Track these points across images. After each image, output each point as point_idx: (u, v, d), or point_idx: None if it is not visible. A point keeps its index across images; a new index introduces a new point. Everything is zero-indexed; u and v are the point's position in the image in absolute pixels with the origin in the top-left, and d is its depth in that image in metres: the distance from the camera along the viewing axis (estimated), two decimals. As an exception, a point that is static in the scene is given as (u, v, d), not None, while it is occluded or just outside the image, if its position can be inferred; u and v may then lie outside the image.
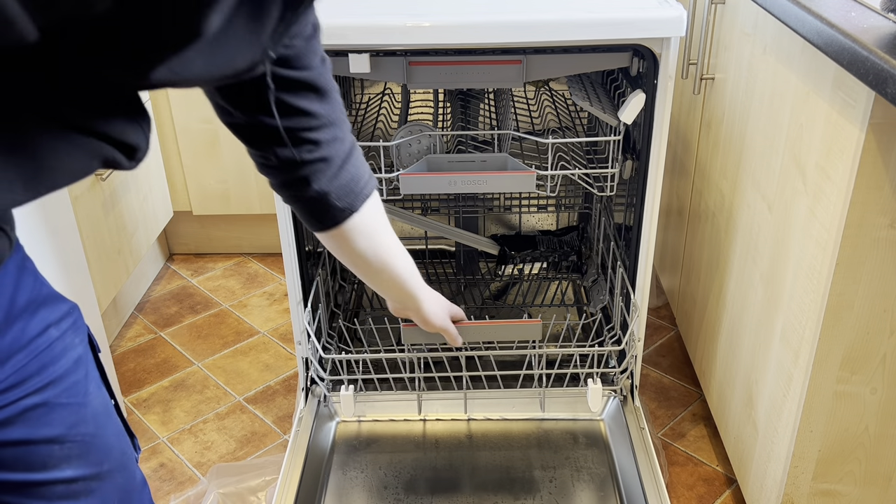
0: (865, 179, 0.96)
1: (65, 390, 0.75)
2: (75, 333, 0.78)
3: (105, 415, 0.81)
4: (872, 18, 0.95)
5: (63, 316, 0.76)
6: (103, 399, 0.81)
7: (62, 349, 0.75)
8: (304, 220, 0.95)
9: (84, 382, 0.78)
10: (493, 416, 1.52)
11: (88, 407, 0.78)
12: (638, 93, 1.28)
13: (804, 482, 1.20)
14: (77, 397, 0.76)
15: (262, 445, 1.65)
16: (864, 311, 1.05)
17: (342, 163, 0.90)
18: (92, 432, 0.78)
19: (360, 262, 1.01)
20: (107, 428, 0.81)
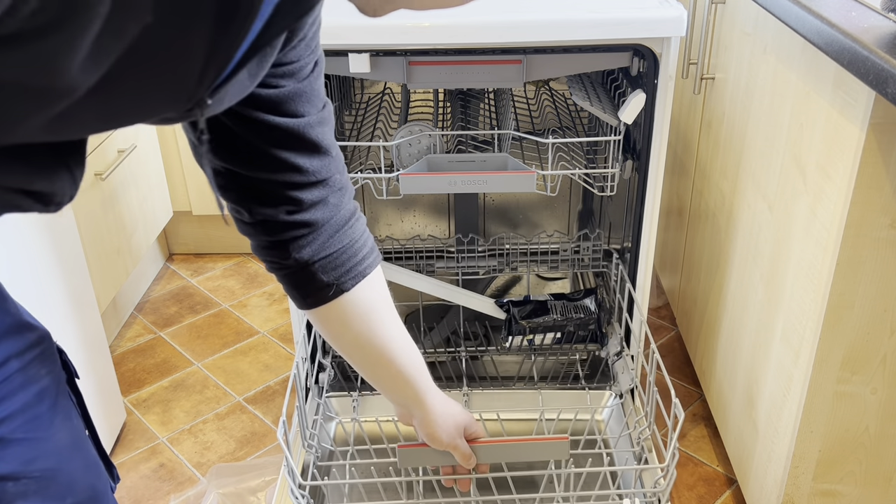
0: (866, 179, 0.96)
1: (22, 425, 0.70)
2: (42, 364, 0.73)
3: (72, 448, 0.76)
4: (873, 18, 0.95)
5: (29, 346, 0.72)
6: (73, 431, 0.76)
7: (23, 382, 0.71)
8: (288, 294, 0.83)
9: (48, 415, 0.73)
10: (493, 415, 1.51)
11: (50, 441, 0.73)
12: (638, 93, 1.28)
13: (805, 482, 1.20)
14: (37, 431, 0.72)
15: (262, 445, 1.65)
16: (865, 311, 1.05)
17: (334, 232, 0.78)
18: (53, 467, 0.73)
19: (351, 349, 0.87)
20: (72, 462, 0.76)
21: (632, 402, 1.48)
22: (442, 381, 1.58)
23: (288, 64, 0.69)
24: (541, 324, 1.59)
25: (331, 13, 1.24)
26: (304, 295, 0.82)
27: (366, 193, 1.84)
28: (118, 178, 1.86)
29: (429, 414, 0.97)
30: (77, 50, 0.43)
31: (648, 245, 1.42)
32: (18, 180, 0.56)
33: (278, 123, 0.69)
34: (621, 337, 1.53)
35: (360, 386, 1.55)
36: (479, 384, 1.57)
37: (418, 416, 0.99)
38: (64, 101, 0.47)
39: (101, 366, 1.57)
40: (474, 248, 1.76)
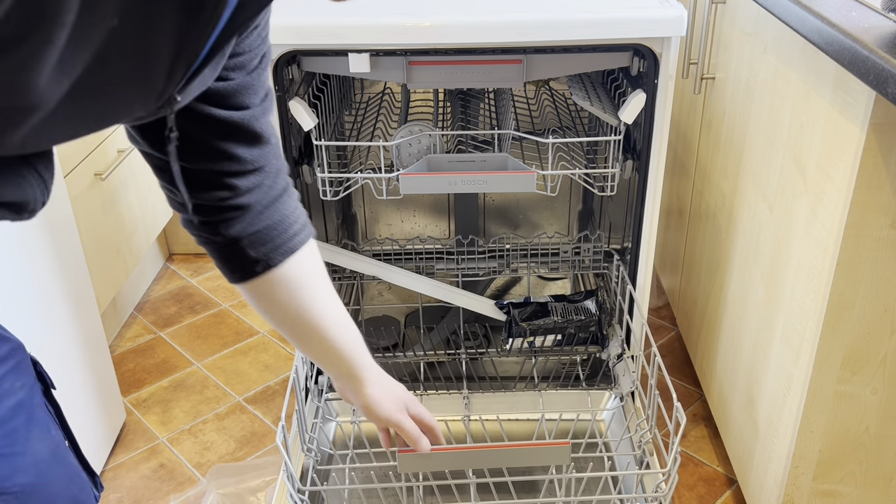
0: (866, 179, 0.96)
1: (0, 439, 0.69)
2: (16, 377, 0.71)
3: (51, 461, 0.74)
4: (873, 18, 0.95)
5: (1, 360, 0.70)
6: (51, 443, 0.74)
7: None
8: (218, 268, 0.82)
9: (24, 429, 0.71)
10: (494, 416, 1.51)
11: (28, 454, 0.71)
12: (638, 92, 1.28)
13: (805, 483, 1.20)
14: (14, 446, 0.70)
15: (262, 446, 1.65)
16: (865, 312, 1.05)
17: (263, 209, 0.78)
18: (32, 482, 0.71)
19: (282, 324, 0.86)
20: (51, 475, 0.74)
21: (633, 403, 1.48)
22: (441, 382, 1.58)
23: (240, 55, 0.67)
24: (541, 326, 1.59)
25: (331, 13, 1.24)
26: (233, 269, 0.81)
27: (366, 193, 1.84)
28: (118, 178, 1.86)
29: (364, 388, 0.95)
30: (44, 63, 0.41)
31: (649, 245, 1.41)
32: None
33: (224, 117, 0.69)
34: (622, 339, 1.52)
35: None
36: (479, 385, 1.57)
37: (355, 391, 0.96)
38: (34, 116, 0.46)
39: (100, 366, 1.57)
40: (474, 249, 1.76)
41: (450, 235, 1.90)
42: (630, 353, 1.49)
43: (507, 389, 1.55)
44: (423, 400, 1.53)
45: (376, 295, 1.91)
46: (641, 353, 1.44)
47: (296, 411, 1.26)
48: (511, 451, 1.12)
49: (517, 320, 1.60)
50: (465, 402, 1.53)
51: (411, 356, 1.64)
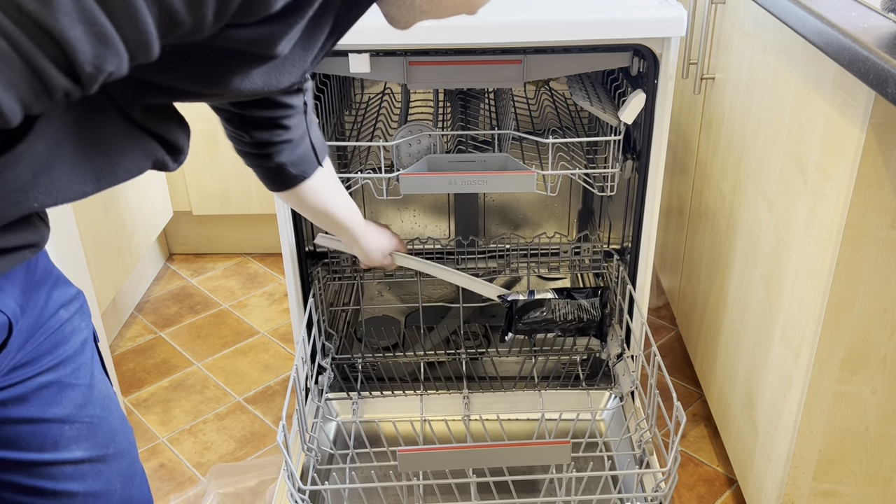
0: (866, 179, 0.96)
1: (74, 371, 0.77)
2: (82, 317, 0.80)
3: (109, 399, 0.83)
4: (873, 18, 0.95)
5: (71, 299, 0.79)
6: (106, 384, 0.83)
7: (71, 330, 0.78)
8: (263, 182, 1.09)
9: (90, 365, 0.80)
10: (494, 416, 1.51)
11: (95, 389, 0.80)
12: (638, 93, 1.28)
13: (804, 482, 1.20)
14: (85, 378, 0.79)
15: (262, 445, 1.65)
16: (865, 312, 1.05)
17: (300, 139, 1.05)
18: (99, 414, 0.80)
19: (308, 212, 1.20)
20: (112, 412, 0.83)
21: (633, 403, 1.48)
22: (441, 382, 1.58)
23: None
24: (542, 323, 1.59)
25: (330, 13, 1.24)
26: (277, 184, 1.09)
27: (366, 193, 1.84)
28: (118, 178, 1.86)
29: (361, 243, 1.36)
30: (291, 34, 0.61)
31: (648, 245, 1.42)
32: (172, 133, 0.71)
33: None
34: (622, 338, 1.52)
35: (359, 387, 1.55)
36: (479, 385, 1.57)
37: (356, 245, 1.36)
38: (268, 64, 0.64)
39: (100, 366, 1.57)
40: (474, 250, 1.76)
41: (450, 235, 1.90)
42: (630, 353, 1.49)
43: (507, 389, 1.55)
44: (423, 400, 1.53)
45: (376, 295, 1.91)
46: (641, 353, 1.44)
47: (296, 411, 1.26)
48: (511, 450, 1.12)
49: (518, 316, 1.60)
50: (466, 402, 1.53)
51: (411, 356, 1.64)
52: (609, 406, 1.54)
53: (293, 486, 1.07)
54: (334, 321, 1.70)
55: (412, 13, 0.74)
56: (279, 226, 1.40)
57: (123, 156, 0.66)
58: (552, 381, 1.59)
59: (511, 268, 1.75)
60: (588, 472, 1.17)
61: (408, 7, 0.73)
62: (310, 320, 1.41)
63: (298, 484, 1.09)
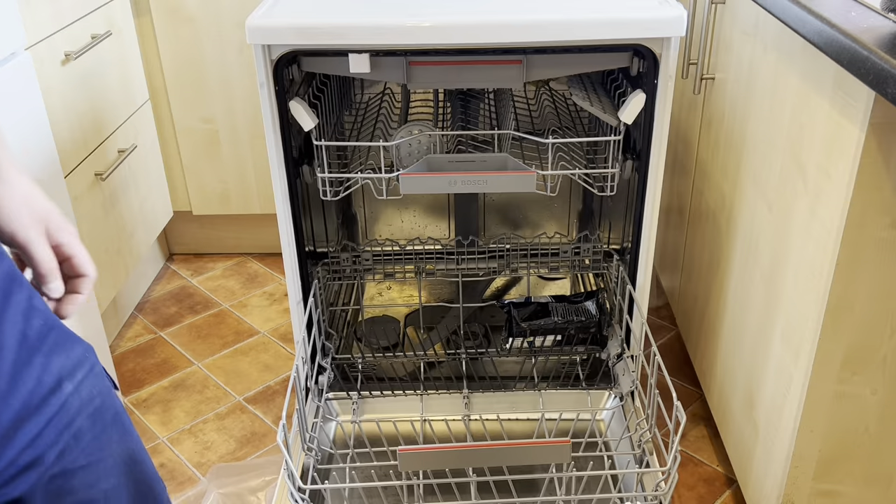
0: (866, 179, 0.96)
1: (83, 451, 0.67)
2: (93, 383, 0.68)
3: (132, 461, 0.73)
4: (873, 18, 0.95)
5: (77, 364, 0.67)
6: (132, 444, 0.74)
7: (78, 407, 0.66)
8: None
9: (106, 433, 0.70)
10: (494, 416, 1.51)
11: (111, 459, 0.70)
12: (638, 93, 1.28)
13: (804, 482, 1.20)
14: (96, 454, 0.68)
15: (262, 445, 1.65)
16: (865, 312, 1.05)
17: None
18: (115, 484, 0.71)
19: None
20: (132, 475, 0.73)
21: (632, 403, 1.48)
22: (441, 382, 1.58)
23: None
24: (541, 326, 1.59)
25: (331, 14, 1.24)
26: None
27: (366, 193, 1.84)
28: (118, 178, 1.86)
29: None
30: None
31: (648, 245, 1.42)
32: None
33: None
34: (622, 338, 1.52)
35: (359, 387, 1.55)
36: (479, 385, 1.57)
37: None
38: None
39: (101, 366, 1.57)
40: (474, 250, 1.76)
41: (450, 235, 1.90)
42: (630, 353, 1.49)
43: (507, 389, 1.55)
44: (423, 400, 1.53)
45: (376, 295, 1.91)
46: (641, 353, 1.44)
47: (296, 411, 1.26)
48: (511, 449, 1.12)
49: (517, 320, 1.60)
50: (466, 402, 1.53)
51: (411, 356, 1.64)
52: (609, 406, 1.54)
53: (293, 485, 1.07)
54: (334, 321, 1.70)
55: None
56: (279, 226, 1.40)
57: None
58: (552, 381, 1.59)
59: (511, 268, 1.75)
60: (588, 472, 1.17)
61: None
62: (310, 320, 1.41)
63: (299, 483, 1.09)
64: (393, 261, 1.78)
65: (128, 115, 1.92)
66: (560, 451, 1.12)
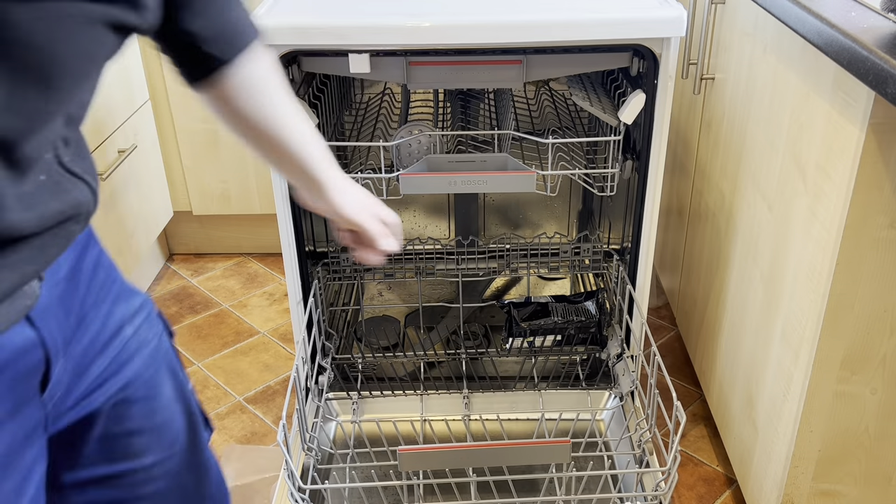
0: (866, 179, 0.96)
1: (140, 386, 0.78)
2: (149, 328, 0.79)
3: (177, 400, 0.83)
4: (872, 18, 0.95)
5: (136, 311, 0.77)
6: (177, 384, 0.83)
7: (137, 346, 0.77)
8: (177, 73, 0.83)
9: (157, 375, 0.80)
10: (494, 416, 1.52)
11: (162, 397, 0.80)
12: (638, 93, 1.28)
13: (804, 482, 1.20)
14: (151, 390, 0.79)
15: (263, 445, 1.65)
16: (865, 312, 1.05)
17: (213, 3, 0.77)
18: (167, 419, 0.81)
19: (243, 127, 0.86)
20: (179, 413, 0.83)
21: (632, 403, 1.48)
22: (441, 382, 1.58)
23: None
24: (541, 326, 1.59)
25: (331, 14, 1.24)
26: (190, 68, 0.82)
27: (366, 193, 1.84)
28: (118, 178, 1.87)
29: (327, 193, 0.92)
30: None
31: (648, 245, 1.42)
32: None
33: None
34: (622, 338, 1.53)
35: (359, 387, 1.56)
36: (479, 385, 1.57)
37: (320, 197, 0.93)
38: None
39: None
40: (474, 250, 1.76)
41: (450, 235, 1.91)
42: (630, 353, 1.49)
43: (507, 389, 1.55)
44: (423, 400, 1.54)
45: (376, 295, 1.91)
46: (641, 353, 1.44)
47: (296, 411, 1.26)
48: (511, 449, 1.13)
49: (517, 320, 1.60)
50: (466, 402, 1.53)
51: (411, 356, 1.64)
52: (609, 406, 1.54)
53: (293, 485, 1.07)
54: (334, 321, 1.70)
55: None
56: (279, 226, 1.40)
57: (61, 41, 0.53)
58: (552, 381, 1.59)
59: (511, 268, 1.75)
60: (588, 472, 1.17)
61: None
62: (310, 320, 1.41)
63: (299, 483, 1.09)
64: (393, 261, 1.78)
65: (128, 116, 1.92)
66: (560, 451, 1.12)
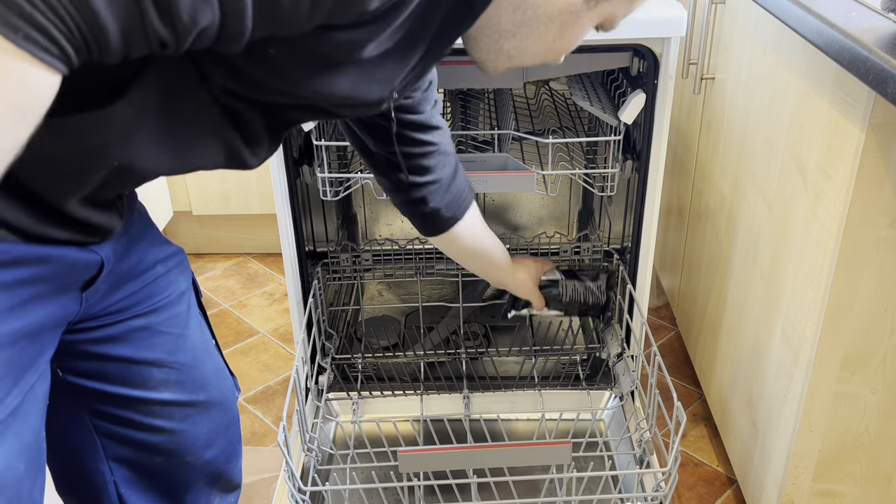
0: (866, 179, 0.96)
1: (167, 319, 0.85)
2: (180, 273, 0.89)
3: (203, 350, 0.90)
4: (872, 18, 0.95)
5: (169, 255, 0.88)
6: (203, 336, 0.90)
7: (167, 283, 0.86)
8: (419, 228, 1.15)
9: (185, 316, 0.88)
10: (494, 416, 1.51)
11: (188, 339, 0.87)
12: (638, 93, 1.28)
13: (804, 482, 1.20)
14: (177, 328, 0.86)
15: (263, 445, 1.65)
16: (865, 311, 1.05)
17: (449, 182, 1.09)
18: (189, 363, 0.87)
19: (461, 255, 1.23)
20: (204, 362, 0.89)
21: (633, 403, 1.48)
22: (442, 382, 1.58)
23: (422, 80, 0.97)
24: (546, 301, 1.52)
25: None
26: (433, 228, 1.14)
27: (366, 193, 1.84)
28: (118, 178, 1.86)
29: (510, 282, 1.36)
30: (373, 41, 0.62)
31: (648, 245, 1.42)
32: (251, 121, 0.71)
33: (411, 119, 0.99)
34: (622, 338, 1.52)
35: (359, 387, 1.55)
36: (479, 385, 1.57)
37: (506, 284, 1.37)
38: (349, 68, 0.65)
39: (101, 366, 1.57)
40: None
41: (450, 235, 1.90)
42: (630, 353, 1.49)
43: (508, 389, 1.55)
44: (423, 400, 1.53)
45: (376, 295, 1.91)
46: (641, 353, 1.44)
47: (296, 411, 1.26)
48: (512, 450, 1.13)
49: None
50: (466, 402, 1.53)
51: (411, 356, 1.64)
52: (609, 406, 1.54)
53: (293, 486, 1.07)
54: (334, 321, 1.70)
55: (501, 59, 0.76)
56: (279, 226, 1.40)
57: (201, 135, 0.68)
58: (552, 381, 1.59)
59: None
60: (588, 473, 1.17)
61: (496, 53, 0.75)
62: (310, 320, 1.41)
63: (299, 484, 1.09)
64: (393, 261, 1.78)
65: (128, 116, 1.92)
66: (561, 452, 1.12)
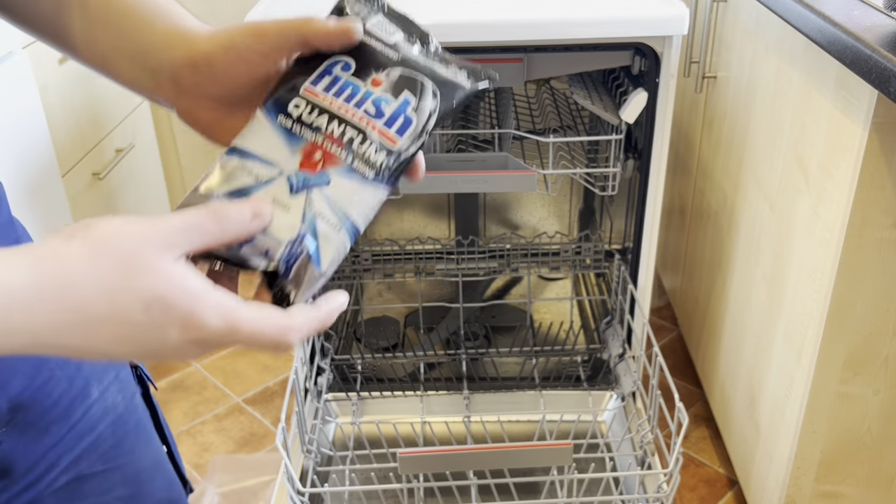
0: (868, 179, 0.95)
1: (99, 458, 0.67)
2: (119, 389, 0.69)
3: (152, 469, 0.73)
4: (875, 17, 0.94)
5: (105, 369, 0.67)
6: (151, 453, 0.73)
7: (101, 413, 0.66)
8: None
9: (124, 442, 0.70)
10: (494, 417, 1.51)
11: (129, 466, 0.70)
12: (639, 91, 1.28)
13: (806, 483, 1.19)
14: (113, 461, 0.68)
15: (261, 447, 1.64)
16: (867, 312, 1.05)
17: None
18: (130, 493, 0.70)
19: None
20: (152, 484, 0.73)
21: (634, 404, 1.47)
22: (442, 382, 1.57)
23: None
24: None
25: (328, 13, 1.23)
26: None
27: (365, 193, 1.83)
28: (116, 177, 1.86)
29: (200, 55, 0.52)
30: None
31: (650, 245, 1.41)
32: None
33: None
34: (623, 339, 1.52)
35: (359, 388, 1.55)
36: (479, 385, 1.56)
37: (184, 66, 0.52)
38: None
39: (99, 367, 1.57)
40: (474, 249, 1.75)
41: (450, 235, 1.90)
42: (631, 354, 1.49)
43: (508, 390, 1.55)
44: (423, 400, 1.53)
45: (376, 295, 1.91)
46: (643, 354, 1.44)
47: (295, 412, 1.26)
48: (512, 451, 1.12)
49: None
50: (466, 403, 1.52)
51: (411, 356, 1.64)
52: (610, 407, 1.53)
53: (292, 487, 1.07)
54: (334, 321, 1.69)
55: None
56: (278, 226, 1.39)
57: None
58: (553, 382, 1.58)
59: (511, 268, 1.74)
60: (589, 474, 1.16)
61: None
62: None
63: (298, 486, 1.08)
64: (393, 261, 1.77)
65: (126, 114, 1.91)
66: (561, 454, 1.12)
